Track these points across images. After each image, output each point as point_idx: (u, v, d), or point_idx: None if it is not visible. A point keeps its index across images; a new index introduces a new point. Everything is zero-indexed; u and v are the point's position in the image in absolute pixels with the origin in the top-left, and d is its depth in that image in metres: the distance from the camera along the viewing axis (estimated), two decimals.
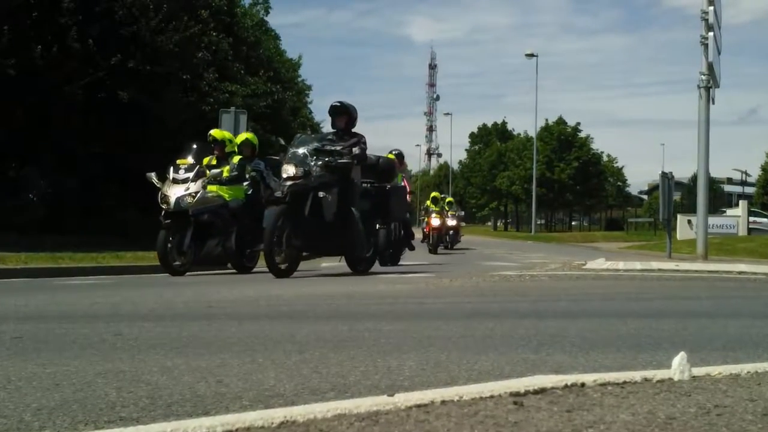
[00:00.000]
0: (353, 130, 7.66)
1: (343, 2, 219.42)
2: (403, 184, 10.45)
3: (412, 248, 11.26)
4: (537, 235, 42.74)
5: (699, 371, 1.88)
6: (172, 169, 8.43)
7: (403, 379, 1.96)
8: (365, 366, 2.13)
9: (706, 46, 12.16)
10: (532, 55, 43.44)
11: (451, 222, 20.91)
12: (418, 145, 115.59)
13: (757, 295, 5.56)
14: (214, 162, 8.79)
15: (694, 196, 14.83)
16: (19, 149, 15.15)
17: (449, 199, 23.78)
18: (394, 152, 10.97)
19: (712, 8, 12.13)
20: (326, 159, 7.10)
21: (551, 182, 52.85)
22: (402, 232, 10.59)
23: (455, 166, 70.79)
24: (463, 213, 25.63)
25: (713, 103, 12.42)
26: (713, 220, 23.11)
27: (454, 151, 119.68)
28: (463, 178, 65.92)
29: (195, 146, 8.96)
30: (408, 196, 10.63)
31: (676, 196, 34.43)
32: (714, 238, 17.93)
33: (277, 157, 9.16)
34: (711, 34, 12.14)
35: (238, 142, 9.21)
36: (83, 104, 14.40)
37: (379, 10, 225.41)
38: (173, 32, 15.40)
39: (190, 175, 8.34)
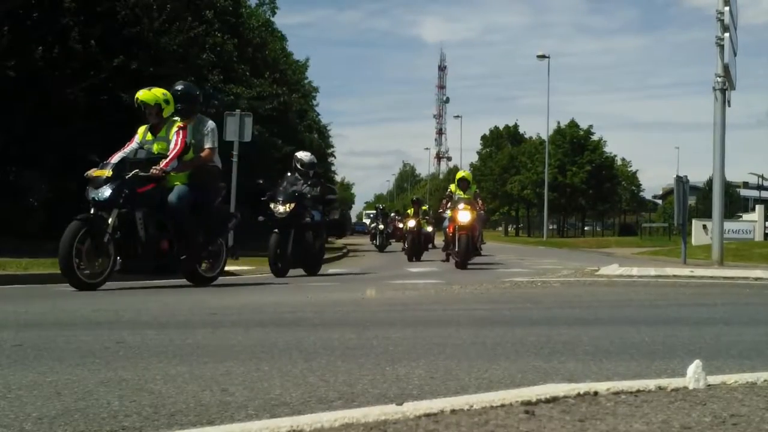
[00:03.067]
0: None
1: (352, 2, 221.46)
2: (173, 145, 6.30)
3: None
4: (549, 240, 42.49)
5: (714, 380, 1.86)
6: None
7: (412, 387, 1.93)
8: (373, 374, 2.11)
9: (721, 47, 12.02)
10: (543, 57, 43.25)
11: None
12: (427, 149, 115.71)
13: None
14: None
15: (710, 200, 14.74)
16: (19, 153, 14.96)
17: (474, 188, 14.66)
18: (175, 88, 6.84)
19: (727, 8, 11.98)
20: None
21: (563, 186, 52.63)
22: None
23: (466, 169, 70.71)
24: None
25: (729, 106, 12.30)
26: (729, 225, 22.94)
27: (466, 154, 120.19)
28: (474, 182, 65.80)
29: None
30: (200, 158, 6.69)
31: (691, 201, 34.16)
32: (730, 244, 17.78)
33: None
34: (727, 35, 12.00)
35: None
36: (85, 107, 14.22)
37: (389, 10, 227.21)
38: (177, 33, 15.33)
39: None
